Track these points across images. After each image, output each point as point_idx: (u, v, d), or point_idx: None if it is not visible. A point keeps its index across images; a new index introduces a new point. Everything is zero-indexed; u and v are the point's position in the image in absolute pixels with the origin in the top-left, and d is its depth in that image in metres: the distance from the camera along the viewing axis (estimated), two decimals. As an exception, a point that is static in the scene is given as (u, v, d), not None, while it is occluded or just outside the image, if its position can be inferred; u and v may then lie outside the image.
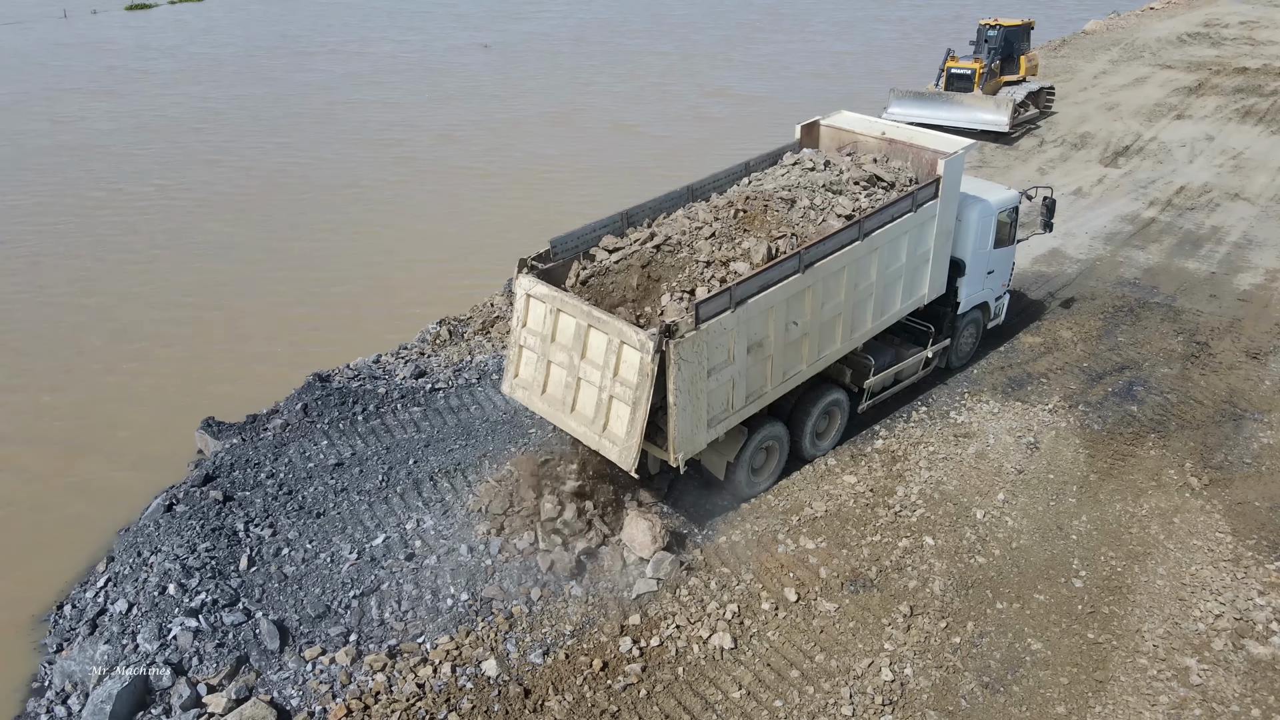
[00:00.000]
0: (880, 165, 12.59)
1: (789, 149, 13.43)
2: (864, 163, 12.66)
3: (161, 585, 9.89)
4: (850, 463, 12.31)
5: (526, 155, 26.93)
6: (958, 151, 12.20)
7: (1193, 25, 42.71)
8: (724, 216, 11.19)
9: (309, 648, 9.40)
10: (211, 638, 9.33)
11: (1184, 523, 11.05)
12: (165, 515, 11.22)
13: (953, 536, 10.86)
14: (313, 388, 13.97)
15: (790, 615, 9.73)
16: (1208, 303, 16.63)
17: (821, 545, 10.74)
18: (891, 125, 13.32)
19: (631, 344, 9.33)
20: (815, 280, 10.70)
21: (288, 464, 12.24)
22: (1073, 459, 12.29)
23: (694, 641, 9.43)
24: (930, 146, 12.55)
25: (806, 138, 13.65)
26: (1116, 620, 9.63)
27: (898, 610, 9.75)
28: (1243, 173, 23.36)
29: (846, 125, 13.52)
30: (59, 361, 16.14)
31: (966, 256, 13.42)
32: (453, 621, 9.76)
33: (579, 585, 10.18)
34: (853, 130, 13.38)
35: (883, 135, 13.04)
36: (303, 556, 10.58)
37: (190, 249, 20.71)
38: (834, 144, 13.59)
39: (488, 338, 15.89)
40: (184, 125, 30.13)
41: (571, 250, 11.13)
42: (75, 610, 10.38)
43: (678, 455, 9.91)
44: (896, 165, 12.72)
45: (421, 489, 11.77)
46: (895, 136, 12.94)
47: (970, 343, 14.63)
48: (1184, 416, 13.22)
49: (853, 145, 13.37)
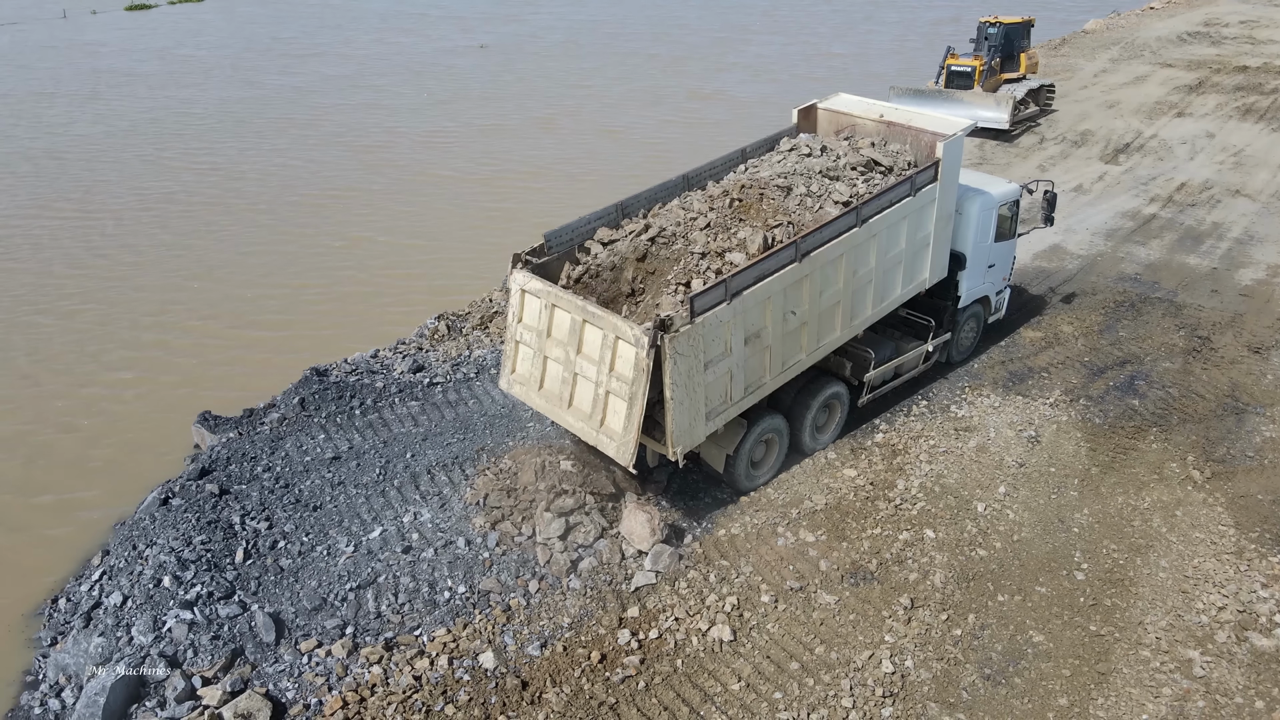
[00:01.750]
0: (878, 149, 12.45)
1: (786, 134, 13.30)
2: (861, 147, 12.55)
3: (156, 578, 9.81)
4: (850, 456, 12.23)
5: (525, 154, 26.88)
6: (956, 133, 12.04)
7: (1193, 24, 42.68)
8: (719, 206, 11.10)
9: (305, 640, 9.32)
10: (206, 630, 9.26)
11: (1186, 515, 10.97)
12: (161, 509, 11.14)
13: (953, 529, 10.78)
14: (310, 382, 13.91)
15: (790, 607, 9.65)
16: (1209, 298, 16.56)
17: (821, 538, 10.67)
18: (890, 107, 13.15)
19: (626, 339, 9.26)
20: (813, 269, 10.62)
21: (284, 458, 12.17)
22: (1074, 452, 12.21)
23: (693, 634, 9.35)
24: (929, 129, 12.40)
25: (804, 122, 13.53)
26: (1119, 612, 9.55)
27: (898, 602, 9.67)
28: (1244, 170, 23.30)
29: (844, 108, 13.37)
30: (54, 357, 16.07)
31: (967, 250, 13.35)
32: (450, 614, 9.68)
33: (577, 578, 10.10)
34: (850, 113, 13.24)
35: (881, 118, 12.90)
36: (299, 549, 10.51)
37: (186, 243, 20.65)
38: (832, 127, 13.46)
39: (486, 333, 15.83)
40: (183, 124, 30.10)
41: (566, 244, 11.04)
42: (70, 603, 10.31)
43: (676, 449, 9.83)
44: (895, 149, 12.58)
45: (419, 482, 11.70)
46: (893, 119, 12.80)
47: (971, 337, 14.55)
48: (1186, 410, 13.15)
49: (851, 128, 13.24)
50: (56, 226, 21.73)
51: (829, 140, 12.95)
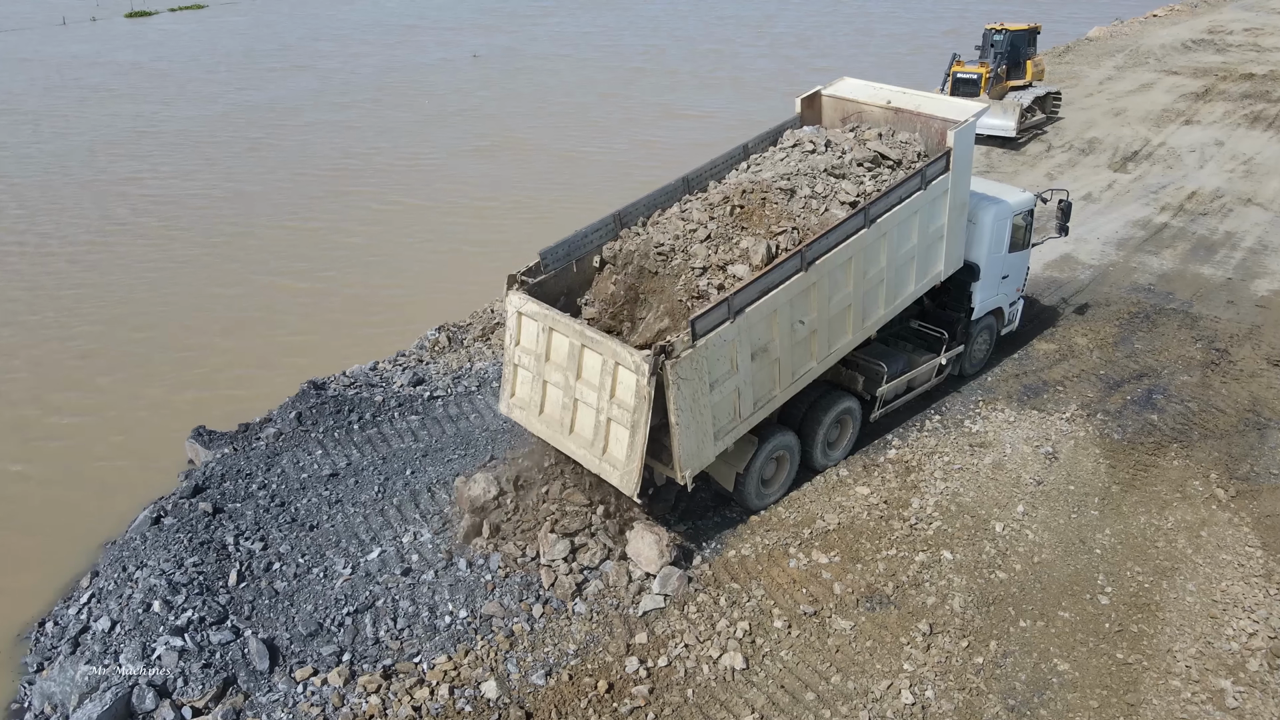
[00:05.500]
0: (886, 141, 12.01)
1: (789, 126, 12.83)
2: (868, 139, 12.10)
3: (146, 602, 9.45)
4: (863, 473, 11.88)
5: (524, 157, 26.59)
6: (968, 119, 11.62)
7: (1197, 32, 42.44)
8: (720, 215, 10.68)
9: (300, 668, 8.96)
10: (198, 657, 8.90)
11: (1212, 536, 10.62)
12: (152, 528, 10.79)
13: (971, 550, 10.42)
14: (307, 395, 13.57)
15: (804, 633, 9.29)
16: (1225, 309, 16.23)
17: (835, 559, 10.31)
18: (898, 92, 12.61)
19: (627, 365, 8.94)
20: (820, 276, 10.26)
21: (280, 474, 11.82)
22: (1093, 469, 11.87)
23: (703, 661, 8.99)
24: (939, 115, 11.95)
25: (808, 111, 13.08)
26: (1146, 639, 9.19)
27: (916, 628, 9.31)
28: (1254, 178, 23.00)
29: (850, 94, 12.91)
30: (49, 369, 15.73)
31: (981, 261, 13.02)
32: (451, 640, 9.32)
33: (582, 602, 9.74)
34: (856, 100, 12.78)
35: (888, 104, 12.43)
36: (294, 571, 10.16)
37: (183, 251, 20.33)
38: (838, 115, 13.01)
39: (488, 344, 15.49)
40: (182, 126, 29.82)
41: (563, 260, 10.70)
42: (57, 628, 9.95)
43: (684, 473, 9.50)
44: (903, 138, 12.15)
45: (419, 500, 11.36)
46: (902, 105, 12.34)
47: (984, 349, 14.22)
48: (1206, 425, 12.81)
49: (857, 116, 12.80)
50: (46, 231, 21.43)
51: (834, 133, 12.49)
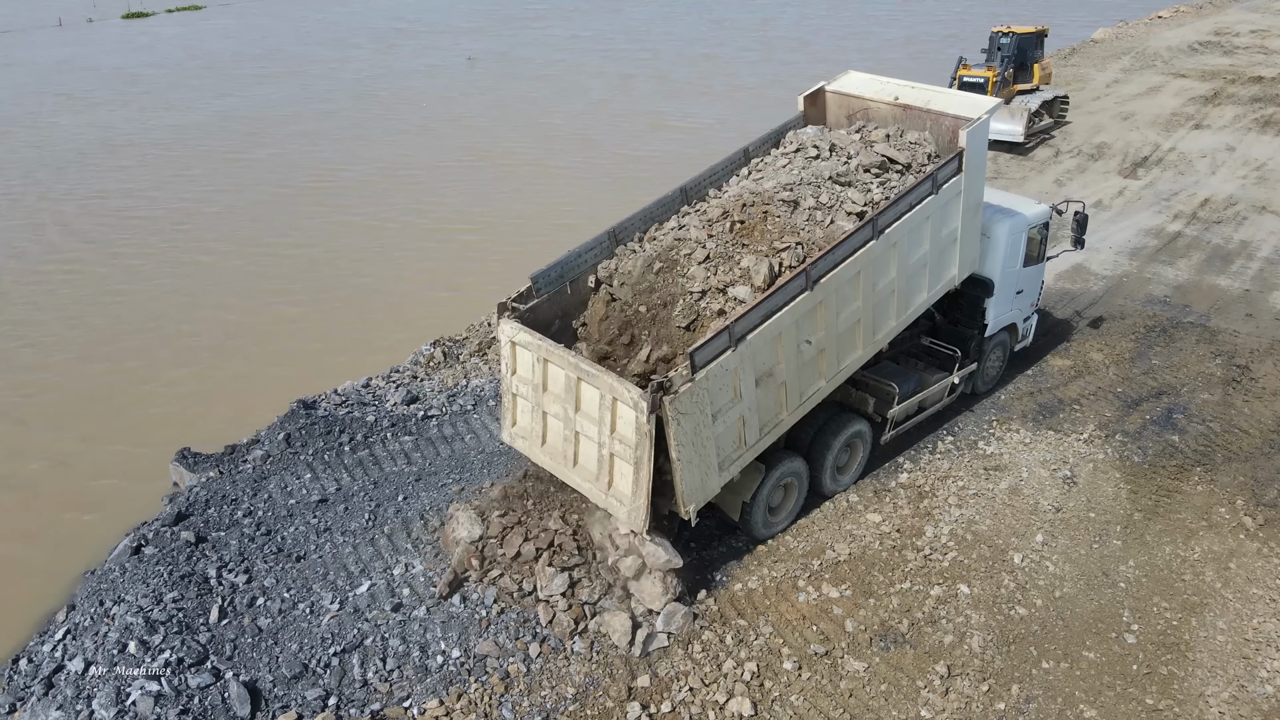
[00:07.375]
0: (894, 143, 11.48)
1: (791, 126, 12.29)
2: (875, 141, 11.57)
3: (122, 642, 8.96)
4: (874, 499, 11.41)
5: (515, 167, 26.12)
6: (981, 117, 11.08)
7: (1203, 34, 41.93)
8: (719, 232, 10.15)
9: (283, 713, 8.48)
10: (175, 703, 8.41)
11: (1241, 568, 10.15)
12: (132, 558, 10.30)
13: (989, 584, 9.95)
14: (297, 415, 13.08)
15: (815, 676, 8.81)
16: (1244, 322, 15.75)
17: (846, 593, 9.84)
18: (905, 86, 12.03)
19: (625, 401, 8.50)
20: (827, 294, 9.77)
21: (267, 500, 11.35)
22: (1114, 495, 11.39)
23: (709, 707, 8.51)
24: (950, 112, 11.40)
25: (811, 109, 12.53)
26: (1176, 682, 8.71)
27: (934, 670, 8.84)
28: (1268, 184, 22.51)
29: (855, 90, 12.34)
30: (28, 386, 15.26)
31: (995, 276, 12.55)
32: (443, 682, 8.84)
33: (582, 641, 9.27)
34: (862, 96, 12.21)
35: (896, 101, 11.86)
36: (279, 607, 9.67)
37: (166, 268, 19.86)
38: (843, 112, 12.47)
39: (484, 359, 15.02)
40: (173, 138, 29.35)
41: (556, 283, 10.23)
42: (31, 665, 9.45)
43: (689, 508, 9.04)
44: (912, 138, 11.63)
45: (411, 529, 10.87)
46: (910, 102, 11.76)
47: (997, 366, 13.74)
48: (1230, 447, 12.33)
49: (863, 113, 12.26)
50: (24, 247, 20.95)
51: (838, 135, 11.95)
